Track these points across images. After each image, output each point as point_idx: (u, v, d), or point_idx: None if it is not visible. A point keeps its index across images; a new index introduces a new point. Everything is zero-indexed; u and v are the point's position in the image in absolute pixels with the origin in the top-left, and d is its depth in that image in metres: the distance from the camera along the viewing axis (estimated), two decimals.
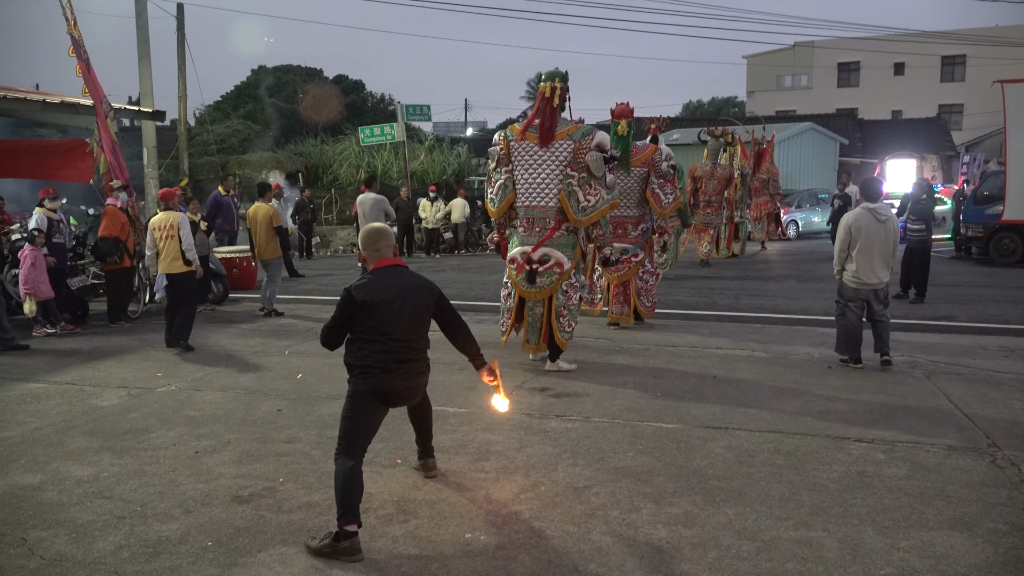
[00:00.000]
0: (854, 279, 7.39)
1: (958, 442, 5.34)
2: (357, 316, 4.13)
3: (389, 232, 4.49)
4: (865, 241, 7.28)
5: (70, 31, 10.59)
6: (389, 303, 4.13)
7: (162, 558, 3.81)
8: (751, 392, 6.68)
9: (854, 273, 7.38)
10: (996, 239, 16.68)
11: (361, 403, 4.17)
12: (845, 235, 7.38)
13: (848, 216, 7.49)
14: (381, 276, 4.22)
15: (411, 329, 4.24)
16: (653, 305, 9.81)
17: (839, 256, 7.50)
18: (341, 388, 5.15)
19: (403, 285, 4.23)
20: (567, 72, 7.61)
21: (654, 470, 4.88)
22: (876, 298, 7.44)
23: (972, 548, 3.81)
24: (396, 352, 4.18)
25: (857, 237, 7.30)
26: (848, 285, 7.45)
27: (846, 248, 7.40)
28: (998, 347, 8.46)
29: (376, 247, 4.34)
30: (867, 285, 7.37)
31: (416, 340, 4.30)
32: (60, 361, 8.32)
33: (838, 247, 7.52)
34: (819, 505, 4.32)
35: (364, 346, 4.17)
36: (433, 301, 4.39)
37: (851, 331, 7.52)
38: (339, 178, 27.10)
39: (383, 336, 4.14)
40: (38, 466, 5.10)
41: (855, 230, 7.31)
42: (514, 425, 5.79)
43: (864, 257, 7.31)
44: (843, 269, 7.49)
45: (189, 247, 8.89)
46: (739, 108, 57.28)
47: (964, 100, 45.19)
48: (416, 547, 3.89)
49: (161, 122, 17.75)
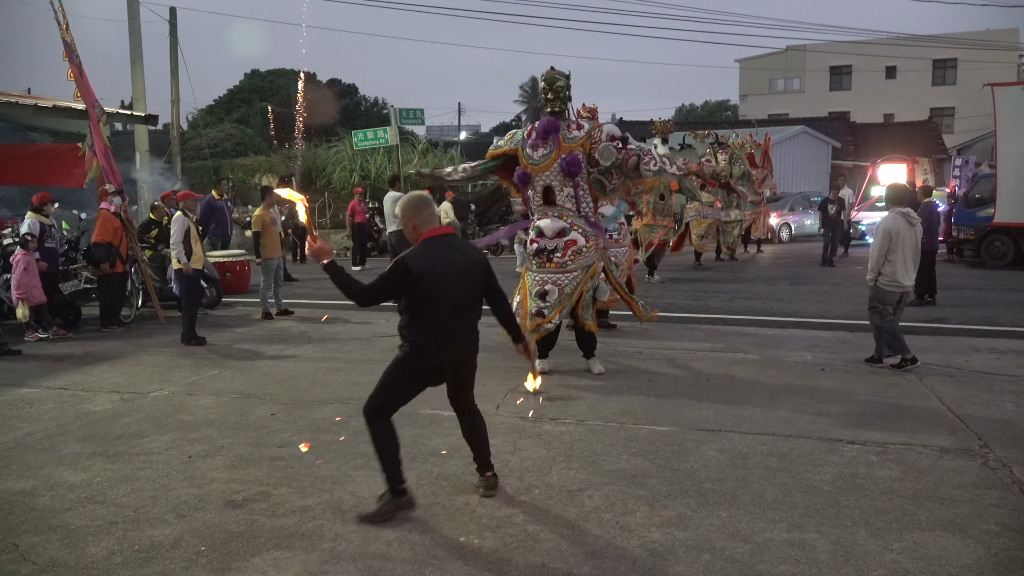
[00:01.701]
0: (892, 283, 7.44)
1: (950, 444, 5.36)
2: (412, 286, 4.10)
3: (431, 200, 4.45)
4: (902, 245, 7.35)
5: (62, 35, 10.55)
6: (443, 275, 4.12)
7: (155, 563, 3.80)
8: (744, 395, 6.70)
9: (891, 277, 7.41)
10: (987, 242, 16.82)
11: (402, 372, 4.26)
12: (885, 240, 7.38)
13: (885, 222, 7.51)
14: (434, 246, 4.18)
15: (464, 300, 4.26)
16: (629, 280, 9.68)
17: (877, 262, 7.47)
18: (334, 392, 5.20)
19: (457, 256, 4.24)
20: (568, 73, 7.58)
21: (648, 473, 4.88)
22: (903, 301, 7.60)
23: (964, 549, 3.83)
24: (448, 326, 4.20)
25: (896, 242, 7.35)
26: (887, 289, 7.48)
27: (884, 254, 7.41)
28: (990, 349, 8.50)
29: (421, 216, 4.27)
30: (902, 287, 7.47)
31: (468, 311, 4.31)
32: (53, 366, 8.29)
33: (877, 253, 7.48)
34: (812, 507, 4.34)
35: (416, 319, 4.19)
36: (484, 273, 4.39)
37: (897, 331, 7.58)
38: (332, 182, 27.07)
39: (437, 307, 4.15)
40: (30, 471, 5.08)
41: (894, 235, 7.36)
42: (508, 428, 5.80)
43: (900, 261, 7.38)
44: (879, 275, 7.50)
45: (175, 244, 9.30)
46: (732, 112, 57.44)
47: (955, 103, 45.32)
48: (410, 551, 3.89)
49: (154, 126, 17.71)
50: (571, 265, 7.33)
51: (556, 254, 7.34)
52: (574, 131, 7.40)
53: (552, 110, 7.48)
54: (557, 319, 7.39)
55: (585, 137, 7.36)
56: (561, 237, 7.34)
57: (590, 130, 7.40)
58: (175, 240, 9.27)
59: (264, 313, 11.24)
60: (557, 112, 7.45)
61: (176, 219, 9.41)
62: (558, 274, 7.35)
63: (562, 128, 7.40)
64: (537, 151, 7.42)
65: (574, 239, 7.32)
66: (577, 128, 7.42)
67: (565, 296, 7.30)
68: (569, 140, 7.34)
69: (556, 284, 7.34)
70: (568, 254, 7.32)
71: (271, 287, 11.31)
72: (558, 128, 7.36)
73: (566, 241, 7.33)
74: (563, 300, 7.30)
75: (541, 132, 7.43)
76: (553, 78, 7.45)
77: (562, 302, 7.31)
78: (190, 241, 9.31)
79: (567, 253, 7.32)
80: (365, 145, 25.34)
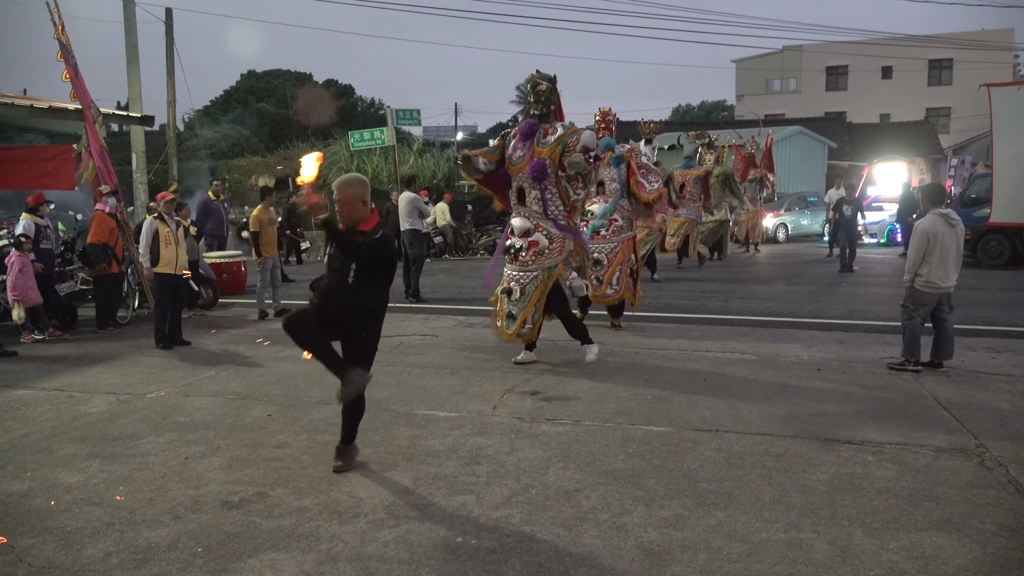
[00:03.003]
0: (929, 284, 7.37)
1: (947, 443, 5.37)
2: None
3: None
4: (940, 246, 7.30)
5: (58, 36, 10.53)
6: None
7: (152, 564, 3.79)
8: (741, 394, 6.70)
9: (928, 278, 7.36)
10: (983, 241, 16.82)
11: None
12: (923, 242, 7.32)
13: (924, 223, 7.42)
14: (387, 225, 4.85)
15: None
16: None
17: (915, 264, 7.41)
18: (331, 393, 5.16)
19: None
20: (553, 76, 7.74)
21: (644, 473, 4.89)
22: (946, 302, 7.50)
23: (961, 549, 3.83)
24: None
25: (934, 244, 7.30)
26: (924, 291, 7.42)
27: (922, 255, 7.36)
28: (986, 348, 8.51)
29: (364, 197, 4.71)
30: (940, 289, 7.40)
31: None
32: (48, 367, 8.28)
33: (915, 255, 7.40)
34: (809, 507, 4.34)
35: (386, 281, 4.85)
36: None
37: (919, 335, 7.53)
38: (329, 183, 27.05)
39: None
40: (26, 473, 5.07)
41: (932, 236, 7.31)
42: (505, 429, 5.80)
43: (939, 262, 7.32)
44: (915, 276, 7.44)
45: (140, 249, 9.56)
46: (728, 112, 57.47)
47: (951, 103, 45.40)
48: (407, 551, 3.88)
49: (150, 127, 17.67)
50: (532, 265, 7.66)
51: (521, 253, 7.68)
52: (548, 136, 7.59)
53: (535, 113, 7.69)
54: (529, 321, 7.72)
55: (555, 144, 7.51)
56: (526, 237, 7.67)
57: (561, 136, 7.52)
58: (141, 245, 9.36)
59: (260, 313, 11.24)
60: (541, 115, 7.67)
61: (145, 224, 9.43)
62: (520, 272, 7.70)
63: (538, 132, 7.62)
64: (516, 152, 7.72)
65: (537, 240, 7.64)
66: (552, 133, 7.58)
67: (529, 296, 7.62)
68: (541, 145, 7.56)
69: (519, 283, 7.70)
70: (530, 254, 7.66)
71: (267, 287, 11.32)
72: (535, 132, 7.60)
73: (530, 241, 7.66)
74: (527, 300, 7.63)
75: (521, 134, 7.74)
76: (535, 82, 7.70)
77: (527, 302, 7.63)
78: (159, 246, 9.20)
79: (529, 252, 7.66)
80: (362, 146, 25.32)
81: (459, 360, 8.23)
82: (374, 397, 6.22)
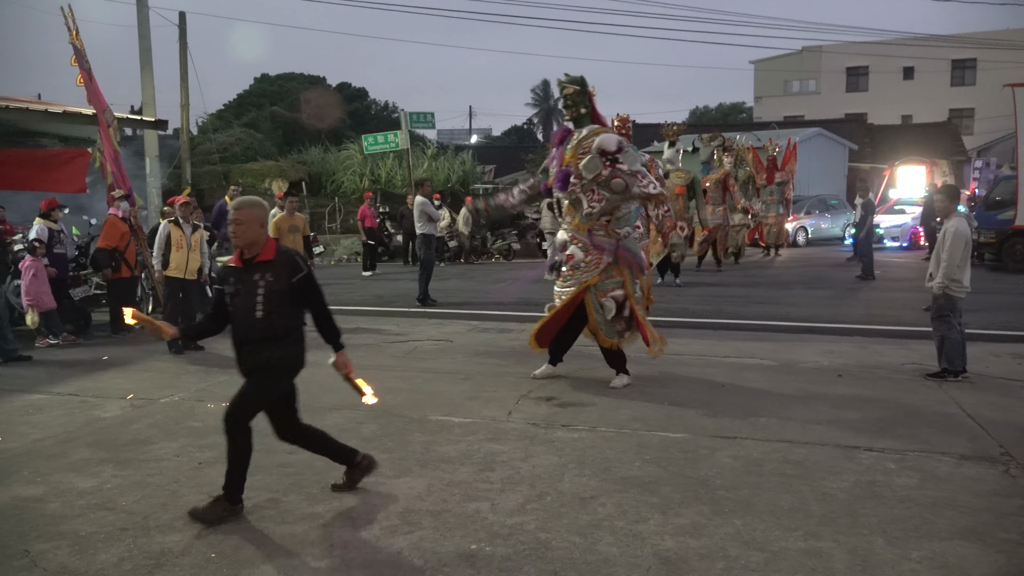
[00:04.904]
0: (962, 288, 7.18)
1: (970, 451, 5.27)
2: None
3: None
4: (967, 248, 7.16)
5: (72, 41, 10.57)
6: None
7: (165, 570, 3.77)
8: (759, 401, 6.62)
9: (962, 283, 7.16)
10: (1009, 245, 16.44)
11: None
12: (960, 243, 7.06)
13: (958, 225, 7.09)
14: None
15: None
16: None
17: (957, 268, 7.10)
18: (345, 398, 5.16)
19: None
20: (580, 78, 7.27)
21: (661, 480, 4.82)
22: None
23: (984, 559, 3.75)
24: None
25: (968, 248, 7.17)
26: (958, 296, 7.21)
27: (959, 259, 7.11)
28: (1010, 354, 8.38)
29: (263, 219, 4.58)
30: (967, 291, 7.25)
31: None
32: (62, 372, 8.30)
33: (957, 259, 7.08)
34: (828, 515, 4.26)
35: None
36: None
37: (963, 342, 7.34)
38: (342, 186, 27.09)
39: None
40: (40, 478, 5.06)
41: (967, 241, 7.14)
42: (519, 435, 5.75)
43: (967, 266, 7.19)
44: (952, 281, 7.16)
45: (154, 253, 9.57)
46: (747, 114, 57.20)
47: (975, 104, 44.77)
48: (421, 558, 3.84)
49: (163, 131, 17.79)
50: (570, 280, 7.16)
51: (563, 267, 7.29)
52: (572, 141, 7.16)
53: (566, 118, 7.38)
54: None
55: (575, 148, 7.05)
56: (564, 251, 7.29)
57: (581, 139, 7.05)
58: (154, 249, 9.46)
59: None
60: (575, 120, 7.22)
61: (160, 228, 9.48)
62: (562, 287, 7.25)
63: (568, 138, 7.25)
64: (552, 163, 7.36)
65: (572, 253, 7.14)
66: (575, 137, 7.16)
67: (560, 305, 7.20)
68: (567, 151, 7.13)
69: (560, 299, 7.25)
70: (568, 267, 7.19)
71: None
72: (567, 139, 7.24)
73: (567, 255, 7.22)
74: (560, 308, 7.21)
75: (555, 143, 7.45)
76: (563, 86, 7.23)
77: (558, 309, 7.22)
78: (170, 250, 9.20)
79: (568, 266, 7.20)
80: (375, 149, 25.39)
81: (473, 365, 8.19)
82: (387, 403, 6.20)
